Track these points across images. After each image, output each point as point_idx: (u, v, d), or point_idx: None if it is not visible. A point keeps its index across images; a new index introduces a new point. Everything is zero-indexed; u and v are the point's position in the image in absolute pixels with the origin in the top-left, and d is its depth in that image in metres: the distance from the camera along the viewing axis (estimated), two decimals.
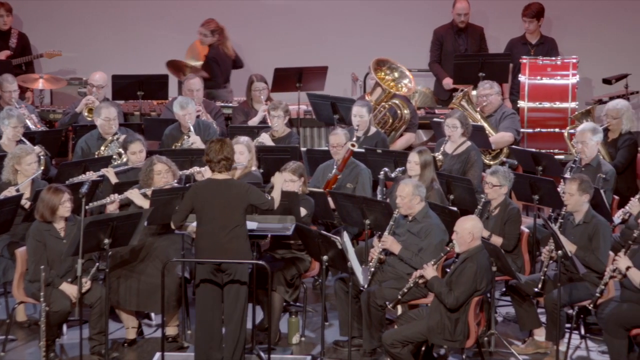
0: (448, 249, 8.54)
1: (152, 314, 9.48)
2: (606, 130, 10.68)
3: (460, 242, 8.37)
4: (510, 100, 12.30)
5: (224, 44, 12.46)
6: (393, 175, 9.70)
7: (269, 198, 8.40)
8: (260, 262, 8.46)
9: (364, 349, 8.80)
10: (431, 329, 8.32)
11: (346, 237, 8.62)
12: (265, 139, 10.68)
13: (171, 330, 9.11)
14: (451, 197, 9.74)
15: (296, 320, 9.15)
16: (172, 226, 8.57)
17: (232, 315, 8.36)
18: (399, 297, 8.58)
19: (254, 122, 11.41)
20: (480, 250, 8.36)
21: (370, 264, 8.91)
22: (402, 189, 8.89)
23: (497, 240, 9.13)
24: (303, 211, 9.08)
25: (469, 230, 8.34)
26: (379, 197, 9.71)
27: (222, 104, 12.12)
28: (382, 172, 9.80)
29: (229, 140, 8.57)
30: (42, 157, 10.25)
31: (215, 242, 8.30)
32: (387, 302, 8.64)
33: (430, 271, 8.44)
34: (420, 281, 8.53)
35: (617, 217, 9.53)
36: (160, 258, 8.95)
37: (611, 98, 12.04)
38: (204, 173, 9.67)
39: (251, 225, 8.53)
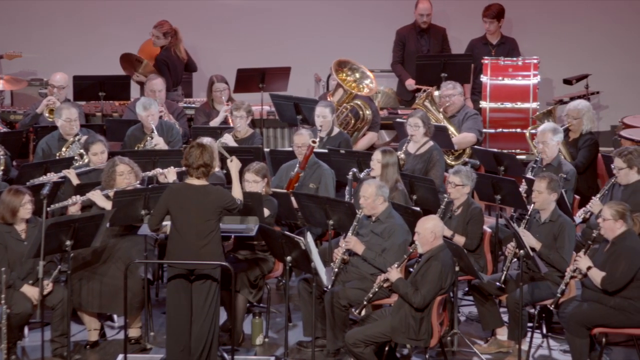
0: (411, 250, 8.56)
1: (115, 316, 9.43)
2: (567, 131, 10.76)
3: (422, 242, 8.40)
4: (472, 100, 12.36)
5: (176, 47, 12.39)
6: (362, 175, 9.71)
7: (238, 201, 8.38)
8: (224, 263, 8.44)
9: (328, 349, 8.81)
10: (395, 328, 8.34)
11: (310, 237, 8.62)
12: (228, 139, 10.66)
13: (134, 332, 9.07)
14: (414, 197, 9.78)
15: (260, 321, 9.15)
16: (149, 229, 8.53)
17: (200, 314, 8.34)
18: (365, 302, 8.58)
19: (215, 122, 11.37)
20: (443, 249, 8.40)
21: (334, 264, 8.92)
22: (365, 189, 8.91)
23: (460, 239, 9.17)
24: (266, 212, 9.08)
25: (430, 230, 8.38)
26: (346, 197, 9.73)
27: (185, 105, 12.08)
28: (350, 173, 9.82)
29: (209, 146, 8.52)
30: (2, 157, 10.16)
31: (189, 248, 8.27)
32: (353, 309, 8.64)
33: (394, 274, 8.46)
34: (385, 285, 8.55)
35: (578, 216, 9.61)
36: (123, 259, 8.90)
37: (572, 98, 12.14)
38: (166, 174, 9.63)
39: None
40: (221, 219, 8.35)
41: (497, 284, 8.76)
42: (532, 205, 8.93)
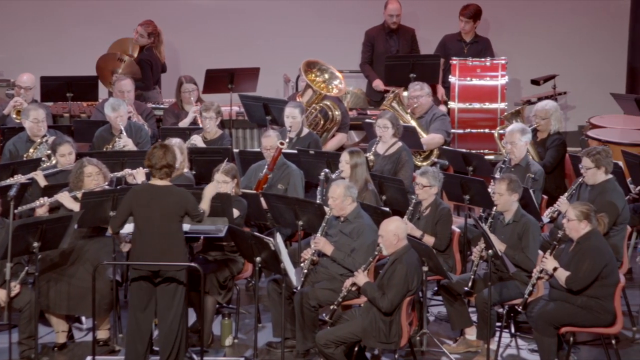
0: (376, 252, 8.54)
1: (83, 318, 9.39)
2: (535, 131, 10.82)
3: (386, 245, 8.40)
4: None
5: (157, 48, 12.41)
6: (334, 176, 9.72)
7: (201, 210, 8.40)
8: (193, 264, 8.42)
9: (297, 350, 8.81)
10: (366, 331, 8.33)
11: (279, 238, 8.62)
12: (197, 140, 10.64)
13: (102, 334, 9.03)
14: (383, 197, 9.80)
15: (229, 322, 9.13)
16: (109, 231, 8.50)
17: (167, 316, 8.33)
18: (334, 307, 8.57)
19: (184, 123, 11.35)
20: (407, 250, 8.41)
21: (303, 265, 8.92)
22: (333, 190, 8.92)
23: (429, 239, 9.20)
24: (236, 212, 9.07)
25: (393, 232, 8.38)
26: (318, 198, 9.74)
27: (153, 106, 12.05)
28: (322, 174, 9.83)
29: (172, 146, 8.52)
30: None
31: (153, 248, 8.25)
32: (324, 314, 8.64)
33: (361, 278, 8.46)
34: (353, 288, 8.54)
35: (546, 216, 9.66)
36: (91, 261, 8.86)
37: (539, 99, 12.21)
38: (135, 175, 9.60)
39: (183, 227, 8.49)
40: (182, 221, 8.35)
41: (465, 288, 8.79)
42: (495, 207, 8.97)
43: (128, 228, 8.42)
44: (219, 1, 13.52)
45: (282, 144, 10.07)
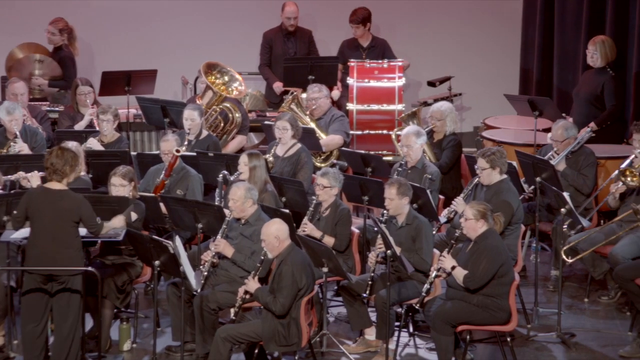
0: (262, 257, 8.53)
1: None
2: (431, 132, 10.97)
3: (270, 249, 8.39)
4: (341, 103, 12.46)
5: (73, 45, 12.26)
6: (232, 178, 9.70)
7: (99, 222, 8.31)
8: (90, 268, 8.32)
9: (197, 353, 8.77)
10: (265, 335, 8.32)
11: (178, 241, 8.57)
12: (93, 143, 10.52)
13: None
14: (283, 199, 9.83)
15: (127, 326, 9.04)
16: (3, 237, 8.38)
17: (63, 325, 8.24)
18: (233, 317, 8.53)
19: (80, 126, 11.21)
20: (291, 250, 8.39)
21: (203, 267, 8.89)
22: (234, 192, 8.91)
23: (329, 240, 9.25)
24: (134, 216, 8.99)
25: (274, 235, 8.37)
26: (216, 200, 9.70)
27: (48, 108, 11.84)
28: (220, 175, 9.80)
29: (68, 149, 8.40)
30: None
31: (45, 252, 8.15)
32: (225, 320, 8.60)
33: (252, 285, 8.45)
34: (247, 296, 8.52)
35: (443, 216, 9.79)
36: None
37: (436, 100, 12.38)
38: (29, 179, 9.44)
39: (80, 231, 8.38)
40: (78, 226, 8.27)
41: (364, 294, 8.83)
42: (387, 211, 9.04)
43: (23, 233, 8.29)
44: (115, 2, 13.37)
45: (178, 151, 10.00)
